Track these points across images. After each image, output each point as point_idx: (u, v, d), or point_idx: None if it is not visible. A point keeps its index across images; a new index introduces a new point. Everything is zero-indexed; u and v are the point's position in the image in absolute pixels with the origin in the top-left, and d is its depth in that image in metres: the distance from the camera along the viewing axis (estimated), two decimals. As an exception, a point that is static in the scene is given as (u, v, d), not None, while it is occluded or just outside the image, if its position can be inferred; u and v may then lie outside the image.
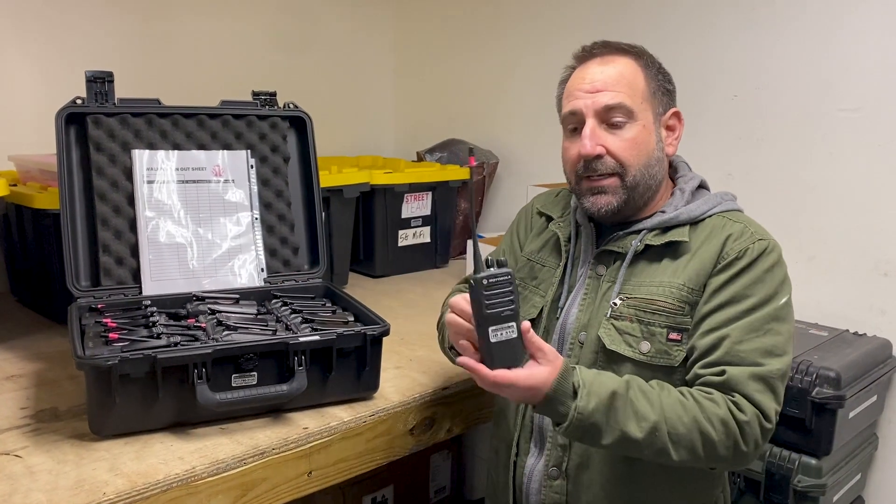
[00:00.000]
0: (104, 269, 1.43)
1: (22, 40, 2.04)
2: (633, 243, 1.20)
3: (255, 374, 1.23)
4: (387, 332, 1.33)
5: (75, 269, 1.41)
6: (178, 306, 1.41)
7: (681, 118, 1.26)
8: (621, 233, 1.23)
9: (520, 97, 2.55)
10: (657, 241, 1.19)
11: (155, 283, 1.45)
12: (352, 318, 1.41)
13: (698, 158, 1.41)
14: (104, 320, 1.31)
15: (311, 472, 1.23)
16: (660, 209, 1.23)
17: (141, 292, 1.44)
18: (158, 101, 1.55)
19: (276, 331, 1.32)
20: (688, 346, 1.14)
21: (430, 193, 2.35)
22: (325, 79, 2.74)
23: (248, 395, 1.20)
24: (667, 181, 1.27)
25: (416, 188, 2.29)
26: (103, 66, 1.53)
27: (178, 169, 1.52)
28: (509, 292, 1.03)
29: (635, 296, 1.17)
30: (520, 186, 2.47)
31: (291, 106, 1.68)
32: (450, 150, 2.56)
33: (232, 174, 1.57)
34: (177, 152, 1.53)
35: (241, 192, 1.57)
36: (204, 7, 2.38)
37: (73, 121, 1.46)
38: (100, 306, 1.38)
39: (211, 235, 1.52)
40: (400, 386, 1.42)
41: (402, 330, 1.72)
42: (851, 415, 1.57)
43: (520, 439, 1.26)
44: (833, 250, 1.82)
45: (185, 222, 1.51)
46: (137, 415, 1.17)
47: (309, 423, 1.25)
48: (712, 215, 1.21)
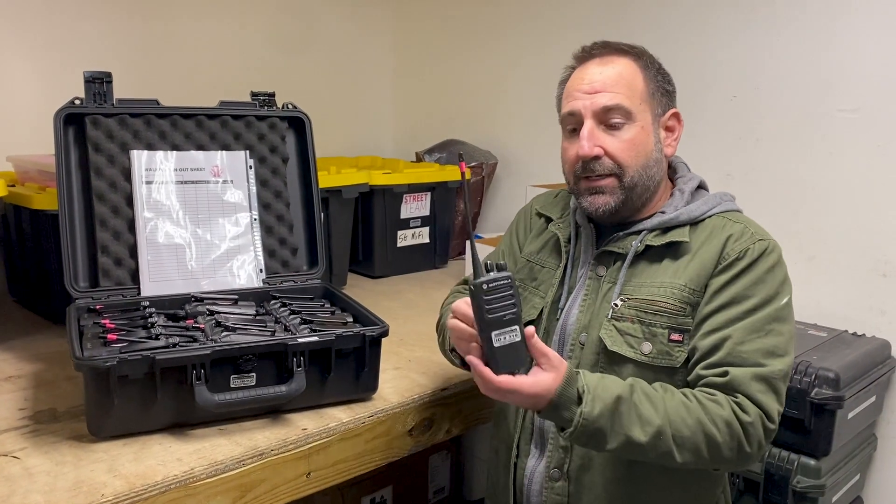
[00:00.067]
0: (103, 270, 1.43)
1: (20, 40, 2.03)
2: (634, 244, 1.20)
3: (254, 375, 1.23)
4: (386, 333, 1.33)
5: (73, 270, 1.41)
6: (177, 307, 1.41)
7: (680, 119, 1.25)
8: (621, 233, 1.22)
9: (519, 98, 2.55)
10: (657, 241, 1.19)
11: (153, 284, 1.45)
12: (351, 319, 1.41)
13: (697, 159, 1.41)
14: (102, 321, 1.31)
15: (309, 473, 1.23)
16: (659, 210, 1.23)
17: (139, 293, 1.44)
18: (157, 102, 1.54)
19: (274, 332, 1.32)
20: (689, 347, 1.14)
21: (429, 194, 2.35)
22: (324, 79, 2.74)
23: (247, 396, 1.20)
24: (666, 182, 1.27)
25: (415, 189, 2.29)
26: (102, 66, 1.53)
27: (176, 169, 1.52)
28: (510, 296, 1.02)
29: (636, 296, 1.17)
30: (519, 187, 2.47)
31: (290, 106, 1.67)
32: (449, 150, 2.56)
33: (231, 175, 1.57)
34: (175, 153, 1.53)
35: (240, 193, 1.57)
36: (203, 7, 2.38)
37: (72, 121, 1.46)
38: (98, 307, 1.38)
39: (209, 236, 1.52)
40: (399, 387, 1.42)
41: (402, 331, 1.72)
42: (850, 415, 1.57)
43: (520, 440, 1.26)
44: (832, 251, 1.82)
45: (184, 223, 1.50)
46: (136, 416, 1.17)
47: (308, 424, 1.25)
48: (712, 216, 1.21)
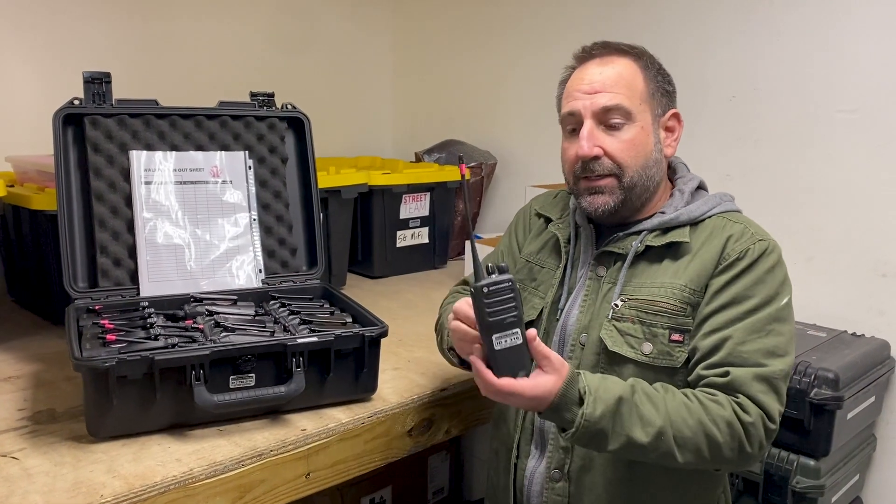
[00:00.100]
0: (102, 271, 1.43)
1: (19, 41, 2.03)
2: (634, 244, 1.20)
3: (253, 375, 1.23)
4: (385, 334, 1.33)
5: (73, 271, 1.41)
6: (176, 307, 1.41)
7: (680, 119, 1.25)
8: (621, 234, 1.22)
9: (518, 98, 2.55)
10: (658, 241, 1.19)
11: (152, 285, 1.45)
12: (350, 320, 1.41)
13: (696, 159, 1.41)
14: (101, 321, 1.30)
15: (309, 474, 1.23)
16: (659, 210, 1.23)
17: (138, 293, 1.44)
18: (156, 102, 1.54)
19: (273, 332, 1.32)
20: (689, 348, 1.14)
21: (429, 194, 2.35)
22: (323, 79, 2.74)
23: (246, 397, 1.20)
24: (665, 182, 1.27)
25: (414, 189, 2.29)
26: (101, 66, 1.53)
27: (175, 170, 1.52)
28: (511, 299, 1.01)
29: (637, 297, 1.17)
30: (518, 187, 2.47)
31: (289, 107, 1.67)
32: (448, 150, 2.56)
33: (230, 175, 1.57)
34: (174, 153, 1.53)
35: (239, 193, 1.57)
36: (202, 7, 2.38)
37: (71, 122, 1.46)
38: (97, 307, 1.38)
39: (209, 236, 1.52)
40: (398, 387, 1.42)
41: (401, 331, 1.72)
42: (850, 416, 1.57)
43: (520, 441, 1.26)
44: (831, 251, 1.82)
45: (183, 223, 1.50)
46: (135, 416, 1.17)
47: (307, 425, 1.24)
48: (712, 216, 1.21)
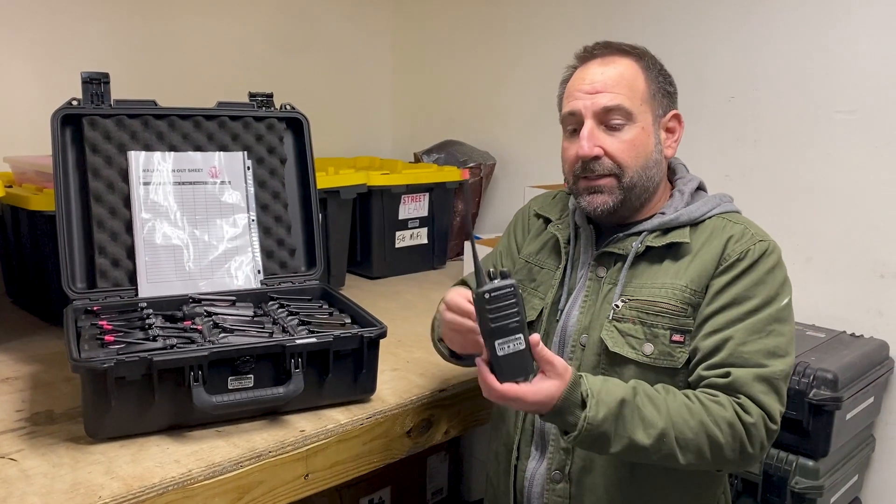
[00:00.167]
0: (100, 271, 1.43)
1: (17, 41, 2.03)
2: (634, 245, 1.20)
3: (252, 376, 1.22)
4: (384, 335, 1.33)
5: (71, 271, 1.41)
6: (175, 308, 1.41)
7: (681, 120, 1.25)
8: (621, 234, 1.22)
9: (517, 98, 2.55)
10: (658, 242, 1.19)
11: (151, 285, 1.45)
12: (349, 320, 1.41)
13: (695, 159, 1.41)
14: (100, 322, 1.30)
15: (307, 475, 1.22)
16: (659, 211, 1.23)
17: (137, 294, 1.44)
18: (155, 103, 1.54)
19: (272, 333, 1.32)
20: (690, 348, 1.14)
21: (428, 195, 2.35)
22: (322, 80, 2.74)
23: (245, 398, 1.20)
24: (665, 183, 1.27)
25: (413, 189, 2.29)
26: (99, 67, 1.53)
27: (174, 170, 1.52)
28: (514, 304, 1.01)
29: (637, 297, 1.17)
30: (517, 188, 2.47)
31: (288, 107, 1.67)
32: (447, 151, 2.55)
33: (228, 176, 1.57)
34: (173, 154, 1.53)
35: (238, 194, 1.57)
36: (200, 8, 2.38)
37: (69, 122, 1.46)
38: (95, 308, 1.38)
39: (207, 237, 1.52)
40: (397, 388, 1.42)
41: (400, 332, 1.72)
42: (848, 416, 1.57)
43: (520, 443, 1.26)
44: (830, 252, 1.82)
45: (182, 224, 1.50)
46: (133, 417, 1.16)
47: (306, 426, 1.24)
48: (712, 216, 1.21)
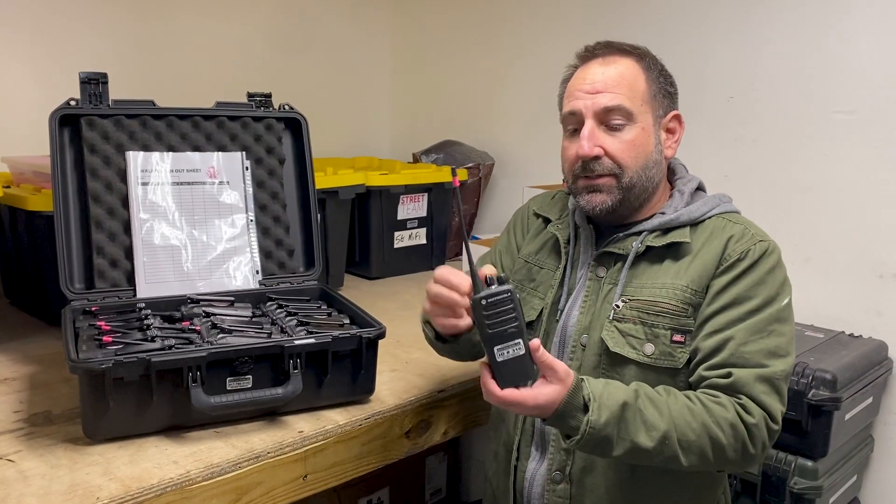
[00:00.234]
0: (98, 272, 1.43)
1: (15, 41, 2.03)
2: (635, 245, 1.20)
3: (250, 377, 1.22)
4: (382, 335, 1.33)
5: (69, 272, 1.41)
6: (173, 309, 1.40)
7: (681, 121, 1.25)
8: (621, 234, 1.22)
9: (516, 99, 2.55)
10: (658, 242, 1.19)
11: (149, 286, 1.44)
12: (347, 321, 1.41)
13: (694, 159, 1.41)
14: (98, 323, 1.30)
15: (306, 476, 1.22)
16: (658, 211, 1.23)
17: (135, 295, 1.43)
18: (153, 103, 1.54)
19: (271, 333, 1.31)
20: (691, 348, 1.14)
21: (426, 195, 2.35)
22: (321, 80, 2.74)
23: (243, 399, 1.19)
24: (664, 183, 1.27)
25: (412, 189, 2.29)
26: (97, 67, 1.52)
27: (172, 171, 1.51)
28: (511, 310, 1.01)
29: (638, 297, 1.17)
30: (516, 188, 2.47)
31: (287, 107, 1.67)
32: (446, 151, 2.55)
33: (227, 176, 1.57)
34: (171, 154, 1.52)
35: (236, 194, 1.57)
36: (199, 8, 2.38)
37: (67, 122, 1.45)
38: (94, 309, 1.37)
39: (206, 237, 1.51)
40: (395, 389, 1.42)
41: (398, 332, 1.71)
42: (847, 417, 1.57)
43: (520, 443, 1.25)
44: (829, 252, 1.83)
45: (180, 224, 1.50)
46: (131, 418, 1.16)
47: (304, 427, 1.24)
48: (712, 216, 1.21)
